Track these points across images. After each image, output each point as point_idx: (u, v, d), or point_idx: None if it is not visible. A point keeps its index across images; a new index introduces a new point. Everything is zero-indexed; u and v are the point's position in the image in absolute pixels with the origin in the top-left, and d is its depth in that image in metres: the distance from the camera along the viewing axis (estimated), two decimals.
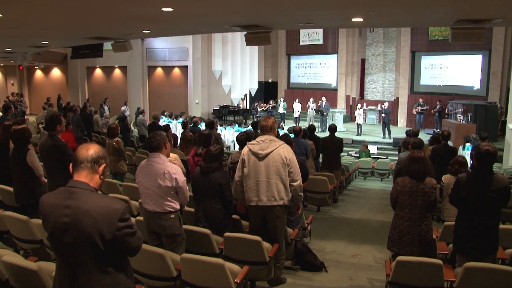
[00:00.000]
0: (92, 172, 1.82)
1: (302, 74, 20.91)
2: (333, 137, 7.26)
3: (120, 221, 1.76)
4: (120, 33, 7.79)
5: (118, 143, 6.06)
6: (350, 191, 8.67)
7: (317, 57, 20.14)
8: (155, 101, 17.59)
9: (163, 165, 3.11)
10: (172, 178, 3.09)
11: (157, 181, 3.10)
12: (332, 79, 19.71)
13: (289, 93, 20.76)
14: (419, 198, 3.26)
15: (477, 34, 5.57)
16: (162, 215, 3.17)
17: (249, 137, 4.48)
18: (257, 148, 3.44)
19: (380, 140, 13.86)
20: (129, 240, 1.80)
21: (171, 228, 3.18)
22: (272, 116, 3.78)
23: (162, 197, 3.14)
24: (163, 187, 3.10)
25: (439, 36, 15.79)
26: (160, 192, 3.12)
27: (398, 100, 17.19)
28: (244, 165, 3.47)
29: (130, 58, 16.62)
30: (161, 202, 3.15)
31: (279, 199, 3.40)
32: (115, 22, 6.21)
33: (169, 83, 17.81)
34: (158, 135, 3.20)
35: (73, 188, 1.78)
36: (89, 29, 7.15)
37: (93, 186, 1.82)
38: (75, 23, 6.28)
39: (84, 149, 1.84)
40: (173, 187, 3.11)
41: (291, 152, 3.47)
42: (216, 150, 3.60)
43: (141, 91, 17.49)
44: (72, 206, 1.74)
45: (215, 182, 3.52)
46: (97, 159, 1.83)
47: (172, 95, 17.58)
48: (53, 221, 1.76)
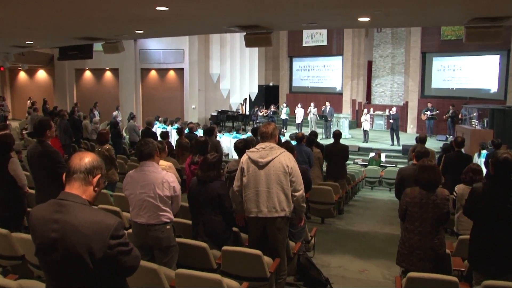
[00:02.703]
0: (85, 184, 1.79)
1: (305, 77, 20.99)
2: (337, 144, 7.26)
3: (112, 238, 1.72)
4: (111, 33, 7.77)
5: (108, 151, 6.06)
6: (356, 201, 8.64)
7: (321, 59, 20.23)
8: (149, 106, 17.63)
9: (159, 174, 3.11)
10: (171, 186, 3.13)
11: (156, 190, 3.10)
12: (337, 82, 19.77)
13: (291, 98, 20.83)
14: (430, 210, 3.23)
15: (494, 33, 5.33)
16: (158, 226, 3.16)
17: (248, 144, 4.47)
18: (257, 156, 3.43)
19: (389, 148, 13.86)
20: (123, 259, 1.75)
21: (167, 240, 3.19)
22: (273, 122, 3.78)
23: (159, 207, 3.14)
24: (162, 197, 3.11)
25: (452, 35, 15.72)
26: (157, 202, 3.13)
27: (408, 105, 17.20)
28: (243, 174, 3.47)
29: (122, 60, 16.67)
30: (157, 213, 3.15)
31: (281, 210, 3.39)
32: (106, 21, 6.19)
33: (164, 87, 17.87)
34: (150, 142, 3.20)
35: (64, 200, 1.75)
36: (77, 29, 7.09)
37: (85, 198, 1.78)
38: (62, 22, 6.22)
39: (78, 158, 1.81)
40: (171, 196, 3.15)
41: (293, 160, 3.47)
42: (213, 158, 3.60)
43: (134, 95, 17.53)
44: (60, 221, 1.70)
45: (214, 193, 3.50)
46: (91, 169, 1.80)
47: (167, 99, 17.63)
48: (40, 236, 1.73)
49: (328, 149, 7.32)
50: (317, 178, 6.86)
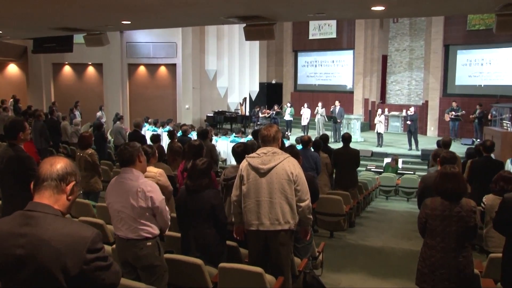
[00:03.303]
0: (57, 192, 1.77)
1: (311, 74, 21.04)
2: (347, 148, 7.25)
3: (89, 252, 1.70)
4: (94, 23, 7.69)
5: (91, 156, 6.05)
6: (369, 213, 8.62)
7: (330, 54, 20.28)
8: (137, 106, 17.67)
9: (136, 182, 3.09)
10: (147, 196, 3.06)
11: (129, 201, 3.08)
12: (348, 79, 19.81)
13: (296, 97, 20.85)
14: (454, 224, 3.19)
15: None
16: (137, 242, 3.13)
17: (248, 149, 4.47)
18: (257, 162, 3.43)
19: (406, 153, 13.84)
20: (102, 275, 1.73)
21: (147, 258, 3.14)
22: (276, 124, 3.78)
23: (136, 220, 3.11)
24: (137, 208, 3.08)
25: (480, 25, 15.45)
26: (133, 215, 3.10)
27: (428, 104, 17.15)
28: (243, 182, 3.47)
29: (107, 54, 16.72)
30: (135, 226, 3.12)
31: (284, 223, 3.38)
32: (87, 10, 6.07)
33: (154, 85, 17.92)
34: (131, 146, 3.19)
35: (32, 212, 1.72)
36: (55, 18, 6.92)
37: (58, 209, 1.76)
38: (37, 10, 6.08)
39: (48, 164, 1.79)
40: (148, 208, 3.09)
41: (298, 166, 3.46)
42: (203, 164, 3.59)
43: (120, 94, 17.58)
44: (28, 235, 1.67)
45: (207, 203, 3.49)
46: (64, 175, 1.78)
47: (158, 98, 17.68)
48: (4, 253, 1.68)
49: (337, 154, 7.31)
50: (324, 186, 6.85)
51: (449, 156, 4.35)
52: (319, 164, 6.50)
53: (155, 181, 4.26)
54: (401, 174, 11.58)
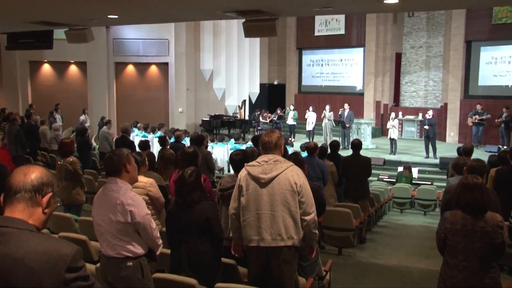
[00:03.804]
0: (31, 205, 1.75)
1: (317, 74, 21.11)
2: (357, 156, 7.27)
3: (68, 271, 1.67)
4: (77, 17, 7.62)
5: (72, 164, 6.05)
6: (382, 228, 8.60)
7: (338, 52, 20.36)
8: (125, 109, 17.71)
9: (117, 194, 3.09)
10: (126, 210, 3.04)
11: (108, 214, 3.08)
12: (357, 80, 19.87)
13: (301, 99, 20.90)
14: (477, 241, 3.16)
15: None
16: (117, 261, 3.12)
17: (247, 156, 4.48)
18: (258, 171, 3.43)
19: (422, 161, 13.84)
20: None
21: (127, 280, 3.11)
22: (278, 130, 3.79)
23: (115, 236, 3.10)
24: (114, 223, 3.07)
25: (507, 18, 15.31)
26: (111, 230, 3.10)
27: (447, 107, 17.16)
28: (242, 193, 3.47)
29: (91, 52, 16.79)
30: (114, 243, 3.12)
31: (287, 238, 3.38)
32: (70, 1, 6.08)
33: (144, 86, 17.97)
34: (116, 153, 3.19)
35: (3, 228, 1.70)
36: (33, 11, 6.84)
37: (33, 223, 1.75)
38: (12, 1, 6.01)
39: (21, 173, 1.77)
40: (128, 224, 3.07)
41: (302, 176, 3.47)
42: (190, 176, 3.54)
43: (106, 96, 17.63)
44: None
45: (201, 216, 3.48)
46: (39, 186, 1.77)
47: (148, 101, 17.72)
48: None
49: (346, 162, 7.31)
50: (330, 197, 6.85)
51: (478, 165, 4.24)
52: (326, 174, 6.50)
53: (145, 192, 4.28)
54: (417, 185, 11.56)
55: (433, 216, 9.91)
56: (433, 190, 10.65)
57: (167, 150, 7.85)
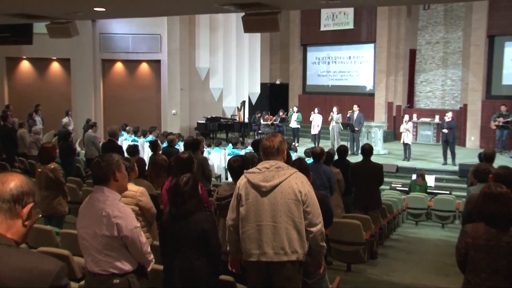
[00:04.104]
0: (10, 217, 1.74)
1: (323, 72, 21.16)
2: (368, 162, 7.28)
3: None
4: (59, 10, 7.59)
5: (54, 171, 6.04)
6: (395, 241, 8.59)
7: (346, 48, 20.43)
8: (113, 111, 17.74)
9: (103, 204, 3.08)
10: (112, 223, 3.03)
11: (93, 227, 3.08)
12: (368, 79, 19.91)
13: (305, 100, 20.94)
14: (503, 257, 3.12)
15: None
16: (103, 278, 3.11)
17: (247, 162, 4.48)
18: (259, 178, 3.44)
19: (440, 168, 13.83)
20: None
21: None
22: (280, 133, 3.79)
23: (100, 251, 3.09)
24: (99, 237, 3.06)
25: None
26: (96, 244, 3.09)
27: (467, 109, 17.15)
28: (241, 203, 3.48)
29: (76, 48, 16.83)
30: (99, 259, 3.11)
31: (291, 253, 3.37)
32: None
33: (134, 85, 18.00)
34: (105, 159, 3.18)
35: None
36: (9, 1, 6.79)
37: (11, 238, 1.74)
38: None
39: (0, 182, 1.77)
40: (114, 238, 3.05)
41: (307, 184, 3.47)
42: (186, 183, 3.54)
43: (92, 96, 17.66)
44: None
45: (197, 227, 3.47)
46: (19, 196, 1.76)
47: (138, 102, 17.75)
48: None
49: (355, 169, 7.33)
50: (337, 207, 6.84)
51: (505, 173, 4.17)
52: (334, 181, 6.51)
53: (135, 202, 4.27)
54: (434, 194, 11.54)
55: (452, 229, 9.89)
56: (451, 200, 10.63)
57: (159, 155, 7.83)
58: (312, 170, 4.66)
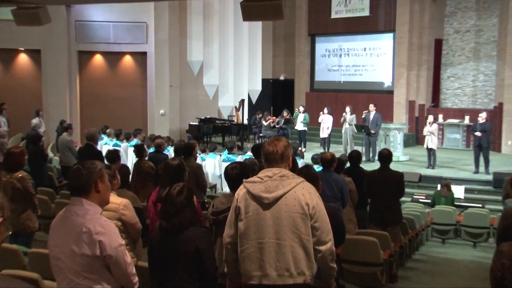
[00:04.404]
0: None
1: (334, 67, 21.20)
2: (386, 170, 7.29)
3: None
4: None
5: (22, 181, 6.03)
6: (418, 262, 8.57)
7: (361, 39, 20.47)
8: (91, 111, 17.74)
9: (82, 219, 3.06)
10: (94, 240, 3.00)
11: (70, 245, 3.04)
12: (386, 74, 19.95)
13: (313, 99, 20.98)
14: None
15: None
16: None
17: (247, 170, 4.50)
18: (260, 188, 3.44)
19: (471, 177, 13.79)
20: None
21: None
22: (285, 137, 3.81)
23: (79, 273, 3.05)
24: (78, 257, 3.03)
25: None
26: (74, 266, 3.05)
27: (502, 108, 17.13)
28: (239, 217, 3.48)
29: (47, 37, 16.83)
30: (76, 282, 3.07)
31: (297, 274, 3.37)
32: None
33: (115, 81, 18.02)
34: (87, 167, 3.17)
35: None
36: None
37: None
38: None
39: None
40: (96, 258, 3.03)
41: (316, 195, 3.48)
42: (180, 193, 3.54)
43: (67, 93, 17.65)
44: None
45: (190, 246, 3.48)
46: None
47: (121, 100, 17.76)
48: None
49: (372, 178, 7.34)
50: (349, 222, 6.82)
51: None
52: (346, 192, 6.51)
53: (118, 216, 4.28)
54: (464, 208, 11.52)
55: (485, 248, 9.84)
56: (485, 215, 10.59)
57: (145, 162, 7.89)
58: (322, 179, 4.66)
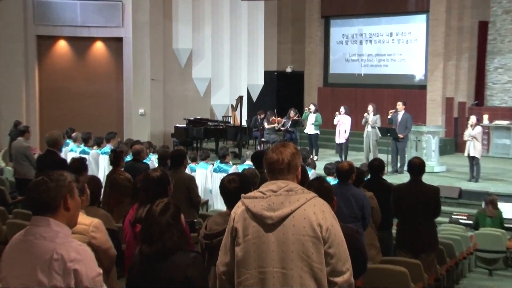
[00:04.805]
0: None
1: (354, 56, 21.22)
2: (417, 184, 7.30)
3: None
4: None
5: None
6: None
7: (386, 21, 20.53)
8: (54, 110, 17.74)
9: (51, 243, 3.06)
10: (68, 270, 3.00)
11: (37, 275, 3.03)
12: (417, 65, 19.98)
13: (327, 95, 21.01)
14: None
15: None
16: None
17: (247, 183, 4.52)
18: (262, 206, 3.44)
19: None
20: None
21: None
22: (292, 142, 3.83)
23: None
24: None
25: None
26: None
27: None
28: (237, 241, 3.48)
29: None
30: None
31: None
32: None
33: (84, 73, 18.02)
34: (54, 179, 3.13)
35: None
36: None
37: None
38: None
39: None
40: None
41: (330, 214, 3.46)
42: (164, 211, 3.57)
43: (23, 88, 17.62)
44: None
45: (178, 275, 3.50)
46: None
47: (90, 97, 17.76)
48: None
49: (399, 193, 7.35)
50: (370, 247, 6.83)
51: None
52: (368, 211, 6.51)
53: (87, 240, 4.29)
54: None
55: None
56: None
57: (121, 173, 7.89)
58: (338, 194, 4.69)
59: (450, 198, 13.27)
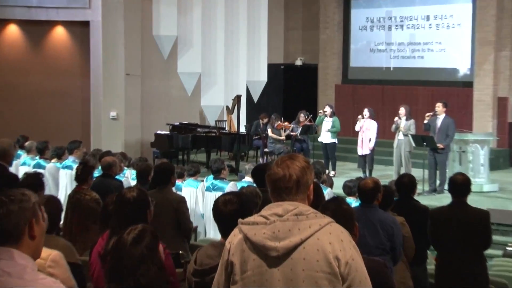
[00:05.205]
0: None
1: (380, 45, 21.32)
2: (462, 207, 7.32)
3: None
4: None
5: None
6: None
7: (422, 2, 20.61)
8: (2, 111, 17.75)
9: (19, 280, 3.08)
10: None
11: None
12: (461, 57, 20.04)
13: (347, 94, 21.12)
14: None
15: None
16: None
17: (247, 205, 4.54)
18: (264, 234, 3.44)
19: None
20: None
21: None
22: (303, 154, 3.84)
23: None
24: None
25: None
26: None
27: None
28: (233, 278, 3.50)
29: None
30: None
31: None
32: None
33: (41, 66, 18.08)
34: (15, 200, 3.16)
35: None
36: None
37: None
38: None
39: None
40: None
41: (350, 244, 3.47)
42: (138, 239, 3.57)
43: None
44: None
45: None
46: None
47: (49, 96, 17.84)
48: None
49: (438, 218, 7.39)
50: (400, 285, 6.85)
51: None
52: (400, 241, 6.51)
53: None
54: None
55: None
56: None
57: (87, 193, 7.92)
58: (360, 219, 4.70)
59: (504, 225, 13.25)
